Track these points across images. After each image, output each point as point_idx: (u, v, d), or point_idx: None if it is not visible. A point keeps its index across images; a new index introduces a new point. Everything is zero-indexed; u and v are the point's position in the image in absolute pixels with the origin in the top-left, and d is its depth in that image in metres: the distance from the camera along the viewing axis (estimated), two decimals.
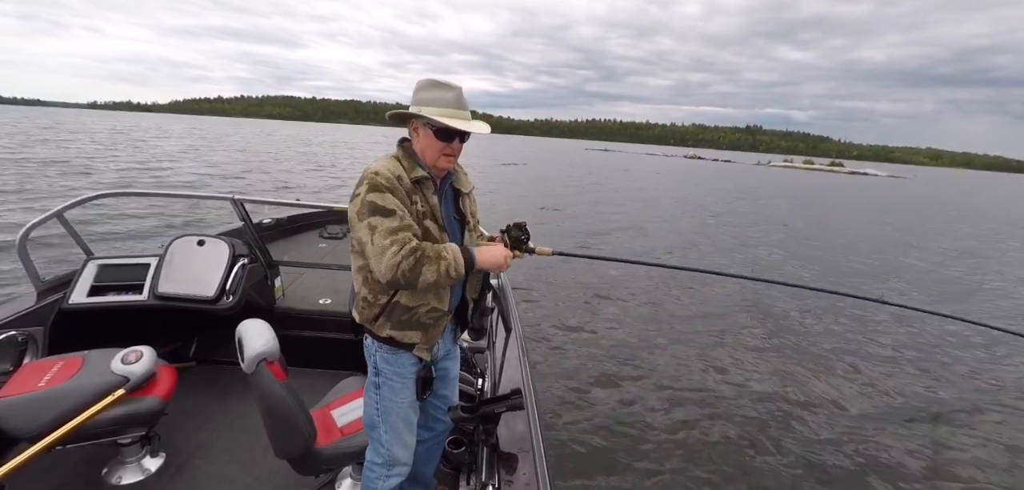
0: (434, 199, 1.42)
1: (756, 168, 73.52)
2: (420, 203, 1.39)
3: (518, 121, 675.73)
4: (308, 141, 55.54)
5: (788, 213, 19.07)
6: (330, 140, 64.17)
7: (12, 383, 1.93)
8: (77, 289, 2.57)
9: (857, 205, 24.90)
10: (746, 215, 17.41)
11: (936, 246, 13.59)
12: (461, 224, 1.55)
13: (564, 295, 6.91)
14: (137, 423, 2.03)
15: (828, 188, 37.73)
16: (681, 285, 7.75)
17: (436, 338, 1.51)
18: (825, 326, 6.50)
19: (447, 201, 1.53)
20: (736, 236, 12.94)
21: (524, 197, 18.22)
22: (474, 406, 1.70)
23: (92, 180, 15.25)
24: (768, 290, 7.62)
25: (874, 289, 8.51)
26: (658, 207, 17.95)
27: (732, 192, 26.88)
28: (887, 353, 5.68)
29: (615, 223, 13.60)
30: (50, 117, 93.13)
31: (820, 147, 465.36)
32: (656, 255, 10.35)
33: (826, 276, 9.45)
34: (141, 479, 2.12)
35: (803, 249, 11.81)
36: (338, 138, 73.52)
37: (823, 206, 23.06)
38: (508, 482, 1.56)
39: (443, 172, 1.47)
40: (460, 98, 1.40)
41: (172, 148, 31.23)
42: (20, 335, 2.30)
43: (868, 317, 6.77)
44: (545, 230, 11.84)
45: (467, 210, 1.58)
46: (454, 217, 1.54)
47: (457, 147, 1.43)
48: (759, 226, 15.03)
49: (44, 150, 23.22)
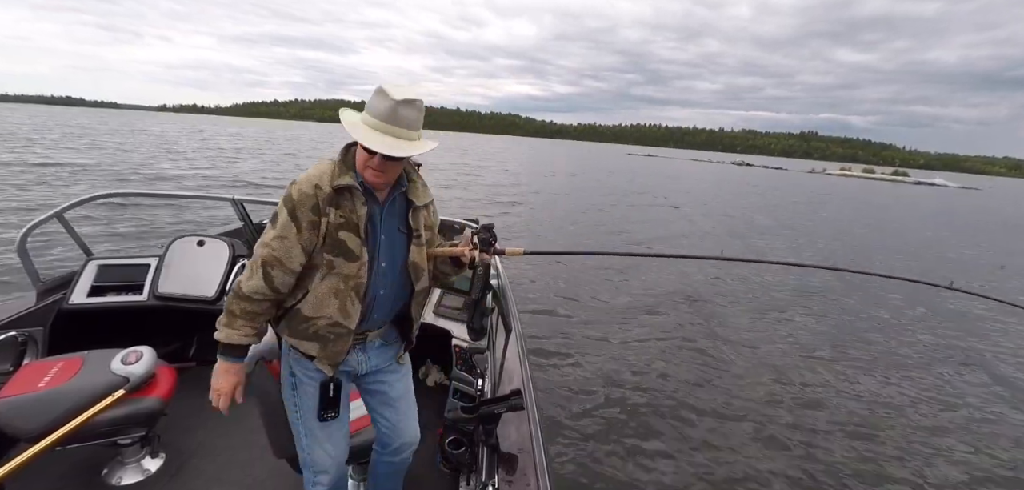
0: (363, 209, 1.34)
1: (809, 176, 70.01)
2: (333, 216, 1.32)
3: (560, 125, 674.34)
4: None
5: (848, 225, 17.96)
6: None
7: (12, 383, 1.94)
8: (77, 289, 2.59)
9: (924, 215, 23.20)
10: (794, 229, 16.51)
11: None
12: (407, 237, 1.47)
13: (564, 295, 6.95)
14: (137, 423, 2.05)
15: (897, 199, 35.32)
16: (682, 285, 7.86)
17: (339, 354, 1.42)
18: (832, 315, 6.41)
19: (394, 212, 1.45)
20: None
21: (546, 206, 18.00)
22: (474, 406, 1.71)
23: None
24: (770, 275, 7.77)
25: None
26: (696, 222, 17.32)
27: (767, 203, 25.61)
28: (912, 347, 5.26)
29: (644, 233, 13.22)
30: (128, 119, 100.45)
31: (882, 154, 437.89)
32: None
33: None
34: (141, 479, 2.14)
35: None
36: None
37: (885, 214, 21.61)
38: (508, 482, 1.55)
39: (374, 186, 1.37)
40: (394, 112, 1.26)
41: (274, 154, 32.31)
42: (20, 335, 2.32)
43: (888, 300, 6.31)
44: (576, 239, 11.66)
45: (421, 224, 1.48)
46: (400, 229, 1.46)
47: (379, 163, 1.29)
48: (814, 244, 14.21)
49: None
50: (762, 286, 8.02)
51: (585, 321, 6.05)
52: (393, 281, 1.45)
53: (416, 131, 1.32)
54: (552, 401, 4.08)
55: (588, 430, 3.75)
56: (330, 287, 1.35)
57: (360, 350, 1.53)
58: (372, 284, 1.40)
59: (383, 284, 1.43)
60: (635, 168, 47.98)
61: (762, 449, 3.71)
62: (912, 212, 26.22)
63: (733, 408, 4.28)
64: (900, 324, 6.78)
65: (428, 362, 3.17)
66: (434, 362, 3.17)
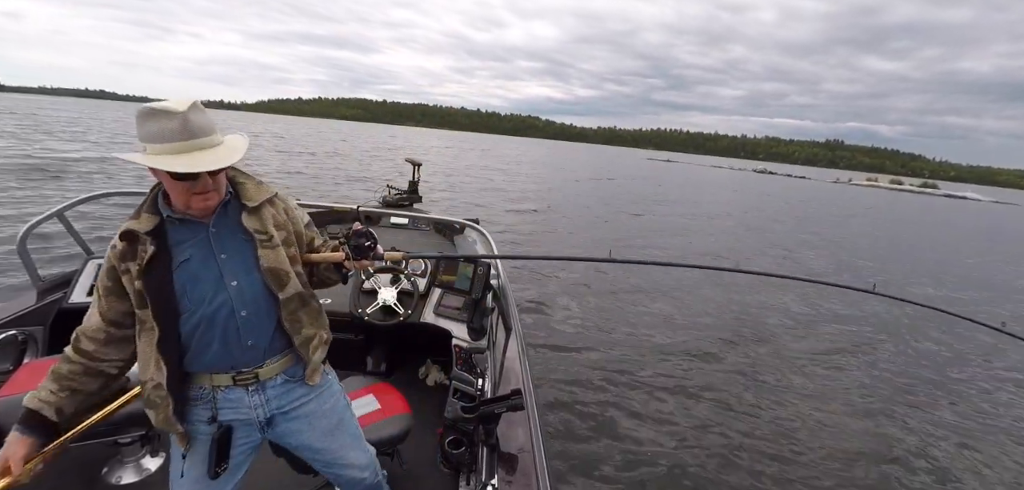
0: (149, 250, 1.17)
1: (834, 186, 68.44)
2: (132, 268, 1.17)
3: (581, 129, 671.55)
4: (383, 142, 57.53)
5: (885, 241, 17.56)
6: (389, 144, 66.11)
7: (12, 383, 1.92)
8: (77, 288, 2.55)
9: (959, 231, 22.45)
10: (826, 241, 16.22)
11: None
12: (251, 243, 1.29)
13: (564, 295, 6.94)
14: (137, 423, 2.00)
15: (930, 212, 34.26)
16: (684, 285, 7.90)
17: (167, 417, 1.22)
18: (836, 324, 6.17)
19: (227, 224, 1.28)
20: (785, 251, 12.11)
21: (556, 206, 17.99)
22: (474, 406, 1.70)
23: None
24: (765, 285, 7.58)
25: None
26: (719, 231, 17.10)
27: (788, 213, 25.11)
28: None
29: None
30: None
31: (911, 165, 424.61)
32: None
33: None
34: (140, 479, 2.13)
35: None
36: (404, 142, 75.86)
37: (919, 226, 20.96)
38: (508, 482, 1.55)
39: (203, 212, 1.23)
40: (186, 124, 1.11)
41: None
42: (20, 335, 2.31)
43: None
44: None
45: (267, 224, 1.30)
46: (242, 237, 1.28)
47: (207, 181, 1.17)
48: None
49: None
50: (770, 294, 8.00)
51: (585, 321, 6.05)
52: (254, 296, 1.27)
53: (217, 134, 1.19)
54: (552, 401, 4.09)
55: (588, 430, 3.76)
56: (147, 344, 1.21)
57: (255, 392, 1.33)
58: (215, 315, 1.23)
59: (243, 304, 1.26)
60: (656, 173, 47.43)
61: (764, 452, 3.69)
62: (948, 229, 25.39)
63: (734, 408, 4.26)
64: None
65: (428, 362, 3.18)
66: (434, 362, 3.18)
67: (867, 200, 42.35)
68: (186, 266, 1.22)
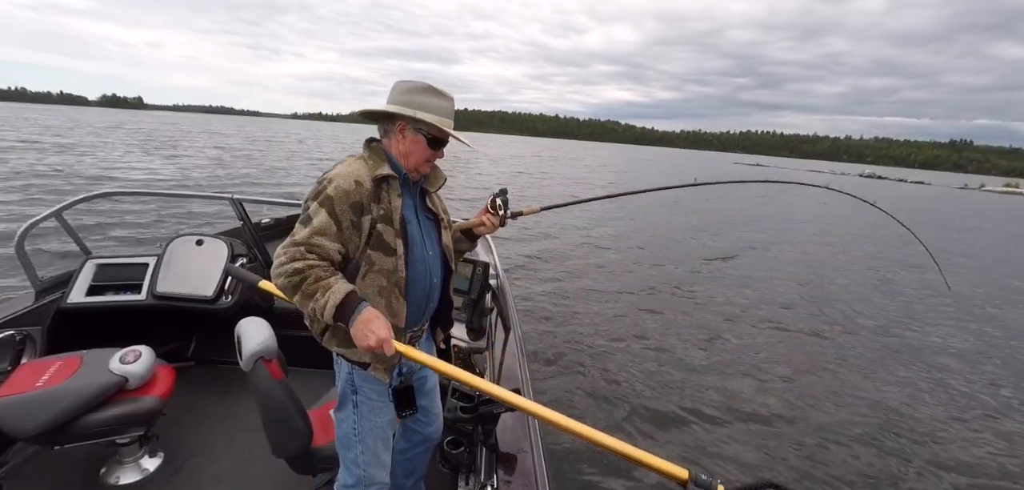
0: (398, 200, 1.34)
1: (963, 193, 59.25)
2: (375, 210, 1.29)
3: (662, 132, 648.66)
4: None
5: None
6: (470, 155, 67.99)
7: (10, 382, 1.93)
8: (75, 288, 2.57)
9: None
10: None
11: None
12: (436, 222, 1.50)
13: (564, 295, 6.94)
14: (136, 423, 2.04)
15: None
16: (685, 286, 7.97)
17: (394, 358, 1.31)
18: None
19: (417, 200, 1.47)
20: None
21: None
22: (473, 406, 1.71)
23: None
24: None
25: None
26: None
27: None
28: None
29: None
30: (267, 124, 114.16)
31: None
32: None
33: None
34: (139, 479, 2.14)
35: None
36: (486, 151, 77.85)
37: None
38: (507, 482, 1.56)
39: (421, 176, 1.44)
40: (452, 108, 1.40)
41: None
42: (18, 334, 2.32)
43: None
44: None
45: (440, 207, 1.54)
46: (427, 216, 1.48)
47: (441, 154, 1.42)
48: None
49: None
50: (757, 282, 8.06)
51: (585, 320, 6.03)
52: (438, 268, 1.46)
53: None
54: (551, 401, 3.94)
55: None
56: (373, 285, 1.30)
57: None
58: (423, 274, 1.40)
59: (435, 271, 1.44)
60: (741, 176, 44.12)
61: (765, 452, 3.64)
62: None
63: (735, 409, 4.22)
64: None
65: None
66: None
67: (1008, 211, 35.87)
68: (410, 227, 1.37)
